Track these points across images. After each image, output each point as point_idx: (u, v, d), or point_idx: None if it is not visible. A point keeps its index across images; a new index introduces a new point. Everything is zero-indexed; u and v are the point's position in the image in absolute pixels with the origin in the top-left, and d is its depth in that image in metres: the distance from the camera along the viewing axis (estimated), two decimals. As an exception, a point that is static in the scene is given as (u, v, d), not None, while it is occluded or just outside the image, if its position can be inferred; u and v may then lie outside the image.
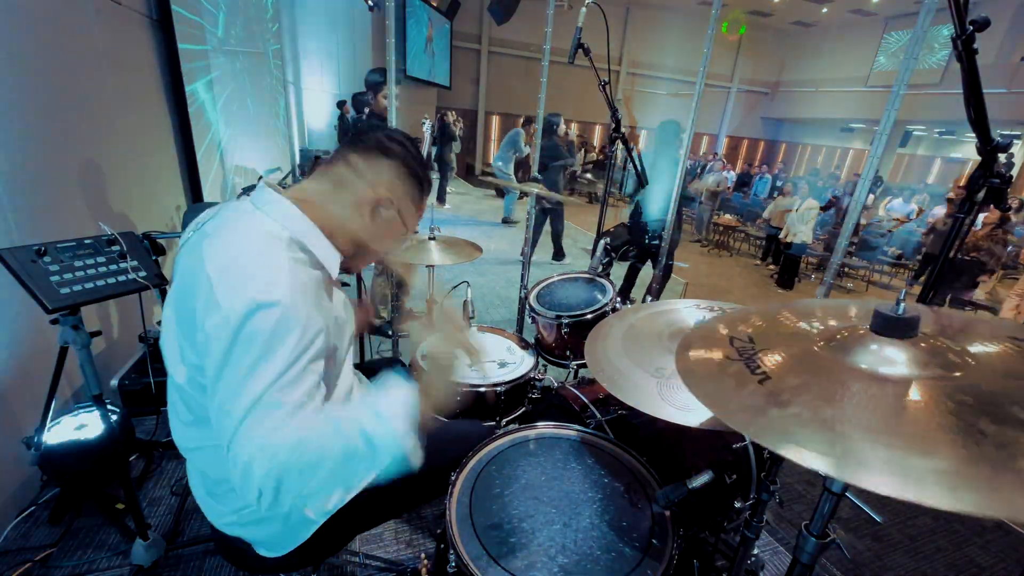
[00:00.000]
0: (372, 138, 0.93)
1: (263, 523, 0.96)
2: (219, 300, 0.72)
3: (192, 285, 0.77)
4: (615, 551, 0.92)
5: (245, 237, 0.80)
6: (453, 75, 12.95)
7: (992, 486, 0.46)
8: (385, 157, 0.92)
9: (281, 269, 0.77)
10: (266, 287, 0.73)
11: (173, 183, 2.74)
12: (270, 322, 0.72)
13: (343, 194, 0.91)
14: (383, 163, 0.92)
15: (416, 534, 1.74)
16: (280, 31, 4.58)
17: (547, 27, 2.28)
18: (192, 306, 0.76)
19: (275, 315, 0.72)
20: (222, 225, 0.83)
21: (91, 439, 1.65)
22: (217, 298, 0.72)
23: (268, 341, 0.72)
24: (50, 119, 1.82)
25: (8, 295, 1.52)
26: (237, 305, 0.71)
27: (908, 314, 0.67)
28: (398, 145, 0.94)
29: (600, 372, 1.11)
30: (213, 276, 0.74)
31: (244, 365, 0.71)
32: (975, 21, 0.86)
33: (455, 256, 1.92)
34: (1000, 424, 0.53)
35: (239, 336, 0.71)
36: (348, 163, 0.92)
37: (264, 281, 0.74)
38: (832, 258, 2.08)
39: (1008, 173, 0.98)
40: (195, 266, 0.77)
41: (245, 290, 0.72)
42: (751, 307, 0.98)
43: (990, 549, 2.01)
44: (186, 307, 0.78)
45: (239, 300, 0.71)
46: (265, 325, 0.72)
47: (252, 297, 0.72)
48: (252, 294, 0.72)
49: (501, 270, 5.06)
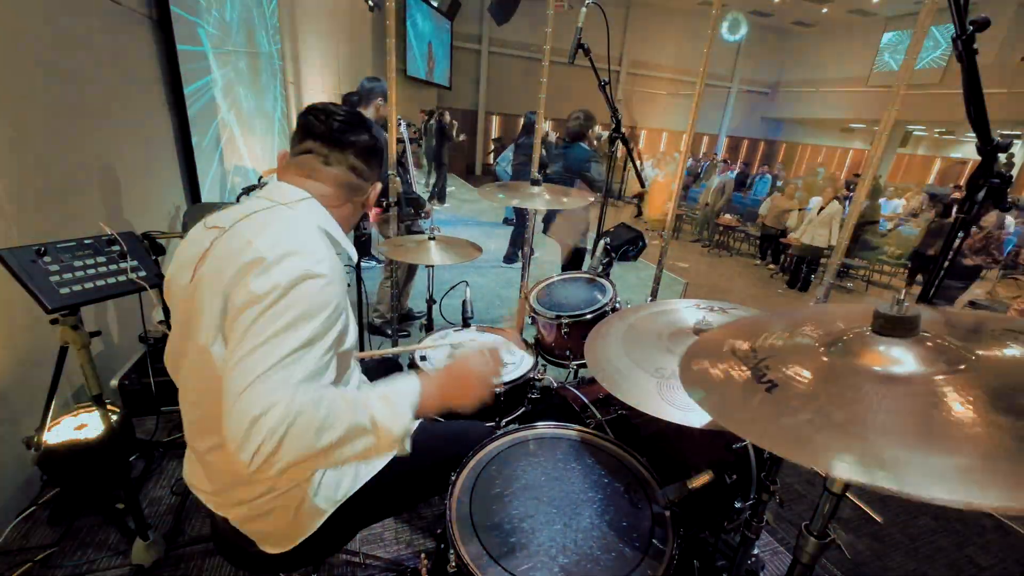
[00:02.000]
0: (362, 142, 1.00)
1: (275, 513, 0.96)
2: (271, 267, 0.78)
3: (234, 265, 0.81)
4: (615, 551, 0.92)
5: (291, 224, 0.88)
6: (453, 75, 12.96)
7: (1018, 480, 0.45)
8: (375, 150, 1.03)
9: (323, 251, 0.85)
10: (316, 261, 0.81)
11: (173, 183, 2.74)
12: (315, 290, 0.79)
13: (351, 195, 1.03)
14: (373, 157, 1.03)
15: (416, 534, 1.74)
16: (280, 31, 4.58)
17: (547, 27, 2.28)
18: (231, 282, 0.80)
19: (320, 285, 0.80)
20: (258, 217, 0.88)
21: (91, 439, 1.65)
22: (270, 264, 0.78)
23: (310, 306, 0.78)
24: (50, 119, 1.82)
25: (8, 295, 1.52)
26: (290, 270, 0.78)
27: (908, 313, 0.67)
28: (372, 138, 1.02)
29: (600, 372, 1.11)
30: (265, 250, 0.80)
31: (282, 323, 0.75)
32: (975, 21, 0.86)
33: (455, 256, 1.92)
34: (1014, 416, 0.52)
35: (285, 297, 0.76)
36: (349, 166, 1.00)
37: (314, 256, 0.82)
38: (832, 258, 2.08)
39: (1008, 173, 0.98)
40: (240, 248, 0.82)
41: (300, 260, 0.80)
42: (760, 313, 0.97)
43: (990, 549, 2.01)
44: (224, 286, 0.81)
45: (292, 267, 0.78)
46: (311, 291, 0.79)
47: (305, 267, 0.79)
48: (306, 264, 0.80)
49: (501, 270, 5.06)
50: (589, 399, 1.54)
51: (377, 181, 1.08)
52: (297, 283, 0.77)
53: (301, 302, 0.77)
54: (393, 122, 2.19)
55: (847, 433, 0.55)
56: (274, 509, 0.96)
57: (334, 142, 0.97)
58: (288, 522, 0.97)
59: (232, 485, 0.96)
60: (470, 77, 13.56)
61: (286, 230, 0.85)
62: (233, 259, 0.81)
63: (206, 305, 0.83)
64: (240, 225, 0.87)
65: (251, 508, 0.96)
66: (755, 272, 7.07)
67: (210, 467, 0.97)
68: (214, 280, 0.83)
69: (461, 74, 13.29)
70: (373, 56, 8.38)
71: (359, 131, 0.99)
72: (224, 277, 0.81)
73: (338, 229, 0.98)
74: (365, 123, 1.01)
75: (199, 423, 0.95)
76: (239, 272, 0.79)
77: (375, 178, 1.07)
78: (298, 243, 0.83)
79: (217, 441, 0.92)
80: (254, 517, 0.97)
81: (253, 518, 0.97)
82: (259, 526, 0.98)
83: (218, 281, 0.82)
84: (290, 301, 0.76)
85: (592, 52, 2.04)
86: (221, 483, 0.98)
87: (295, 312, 0.76)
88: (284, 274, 0.77)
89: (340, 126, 0.96)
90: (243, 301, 0.77)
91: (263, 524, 0.98)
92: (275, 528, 0.98)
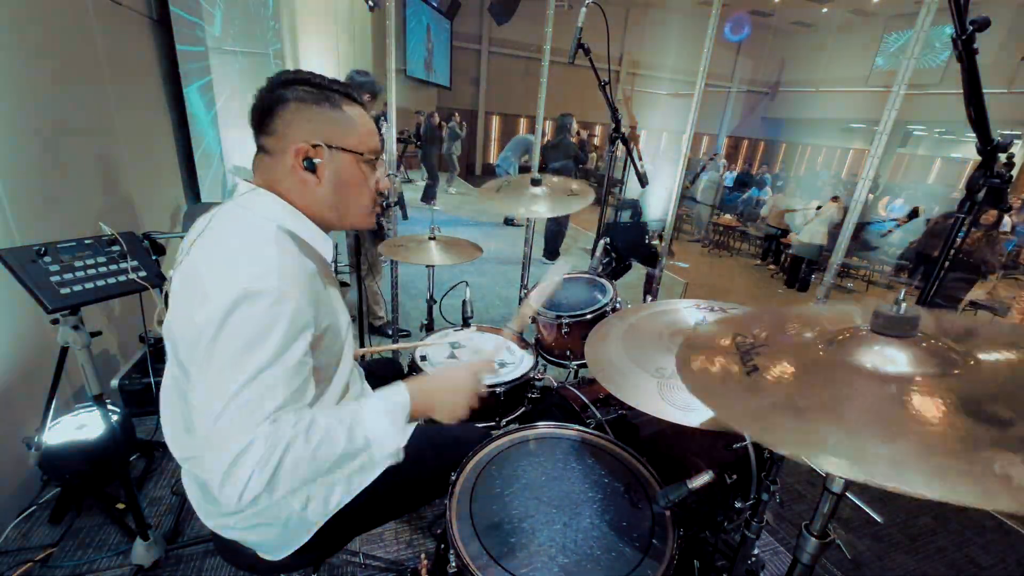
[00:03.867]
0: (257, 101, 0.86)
1: (260, 527, 0.95)
2: (208, 292, 0.73)
3: (189, 285, 0.78)
4: (615, 551, 0.92)
5: (234, 233, 0.81)
6: (453, 75, 12.96)
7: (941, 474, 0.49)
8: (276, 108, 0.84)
9: (270, 260, 0.76)
10: (254, 277, 0.73)
11: (173, 183, 2.74)
12: (258, 311, 0.72)
13: (277, 170, 0.86)
14: (278, 117, 0.84)
15: (416, 534, 1.74)
16: (280, 31, 4.58)
17: (547, 27, 2.28)
18: (188, 305, 0.76)
19: (263, 304, 0.72)
20: (213, 227, 0.84)
21: (91, 439, 1.65)
22: (207, 290, 0.73)
23: (256, 329, 0.72)
24: (50, 119, 1.82)
25: (8, 295, 1.52)
26: (225, 294, 0.71)
27: (908, 313, 0.67)
28: (278, 87, 0.84)
29: (600, 372, 1.11)
30: (203, 270, 0.76)
31: (230, 353, 0.71)
32: (975, 21, 0.86)
33: (455, 256, 1.92)
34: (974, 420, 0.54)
35: (226, 324, 0.71)
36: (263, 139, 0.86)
37: (252, 272, 0.74)
38: (832, 258, 2.08)
39: (1008, 173, 0.98)
40: (192, 267, 0.79)
41: (234, 280, 0.72)
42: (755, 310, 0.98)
43: (990, 549, 2.01)
44: (184, 309, 0.78)
45: (227, 289, 0.71)
46: (253, 313, 0.72)
47: (241, 286, 0.72)
48: (241, 283, 0.72)
49: (501, 270, 5.06)
50: (589, 399, 1.54)
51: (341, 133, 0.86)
52: (236, 305, 0.71)
53: (245, 326, 0.71)
54: (393, 122, 2.19)
55: (802, 417, 0.59)
56: (258, 525, 0.95)
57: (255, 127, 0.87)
58: (276, 534, 0.96)
59: (214, 498, 0.95)
60: (470, 77, 13.56)
61: (229, 244, 0.79)
62: (189, 278, 0.79)
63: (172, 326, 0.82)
64: (199, 242, 0.82)
65: (236, 521, 0.95)
66: (755, 272, 7.07)
67: (197, 472, 0.95)
68: (175, 305, 0.82)
69: (461, 74, 13.28)
70: (373, 56, 8.38)
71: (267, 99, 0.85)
72: (180, 302, 0.80)
73: (305, 225, 0.87)
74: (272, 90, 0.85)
75: (173, 438, 0.94)
76: (188, 301, 0.77)
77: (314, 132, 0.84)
78: (237, 256, 0.77)
79: (188, 454, 0.92)
80: (240, 530, 0.96)
81: (240, 530, 0.96)
82: (247, 537, 0.97)
83: (179, 297, 0.81)
84: (230, 331, 0.71)
85: (592, 52, 2.04)
86: (205, 492, 0.97)
87: (242, 340, 0.71)
88: (221, 299, 0.71)
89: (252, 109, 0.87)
90: (191, 334, 0.74)
91: (251, 535, 0.97)
92: (263, 540, 0.97)
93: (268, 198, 0.86)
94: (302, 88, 0.85)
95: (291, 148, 0.84)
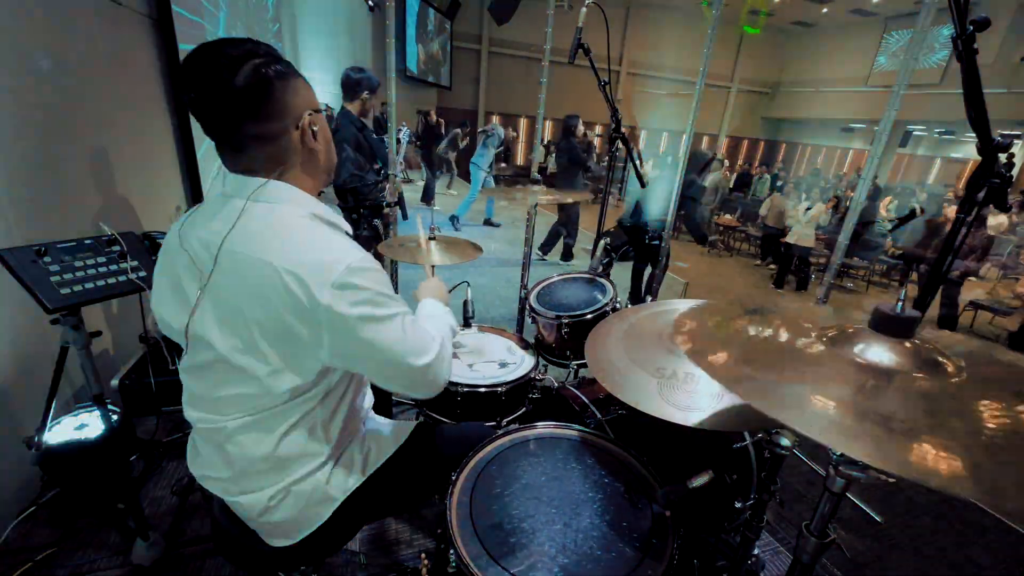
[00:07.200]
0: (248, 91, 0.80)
1: (288, 501, 0.95)
2: (316, 294, 0.78)
3: (260, 286, 0.80)
4: (615, 551, 0.92)
5: (293, 228, 0.84)
6: (453, 75, 12.95)
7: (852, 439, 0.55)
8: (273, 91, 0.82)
9: (332, 239, 0.86)
10: (337, 260, 0.80)
11: (173, 183, 2.74)
12: (365, 281, 0.82)
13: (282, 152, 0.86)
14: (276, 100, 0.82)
15: (416, 534, 1.74)
16: (280, 31, 4.58)
17: (547, 27, 2.28)
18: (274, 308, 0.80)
19: (362, 272, 0.82)
20: (252, 227, 0.83)
21: (91, 439, 1.65)
22: (314, 292, 0.78)
23: (375, 293, 0.83)
24: (50, 119, 1.82)
25: (8, 295, 1.52)
26: (332, 287, 0.79)
27: (905, 314, 0.68)
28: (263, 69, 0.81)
29: (600, 372, 1.11)
30: (300, 272, 0.79)
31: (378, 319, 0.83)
32: (975, 21, 0.86)
33: (455, 256, 1.92)
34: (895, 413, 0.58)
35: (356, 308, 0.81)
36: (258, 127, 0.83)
37: (333, 257, 0.81)
38: (832, 258, 2.09)
39: (1008, 173, 0.98)
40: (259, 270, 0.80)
41: (330, 272, 0.79)
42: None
43: (991, 549, 2.01)
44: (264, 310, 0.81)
45: (332, 282, 0.79)
46: (364, 284, 0.82)
47: (338, 275, 0.79)
48: (337, 272, 0.79)
49: (501, 270, 5.06)
50: (589, 399, 1.54)
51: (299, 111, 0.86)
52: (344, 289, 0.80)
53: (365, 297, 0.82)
54: (394, 122, 2.19)
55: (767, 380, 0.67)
56: (290, 494, 0.95)
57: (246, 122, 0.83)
58: (300, 510, 0.96)
59: (251, 472, 0.93)
60: (470, 77, 13.55)
61: (295, 239, 0.82)
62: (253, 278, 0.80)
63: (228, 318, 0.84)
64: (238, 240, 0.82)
65: (268, 494, 0.93)
66: (755, 272, 7.07)
67: (236, 449, 0.92)
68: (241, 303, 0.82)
69: (461, 74, 13.28)
70: (373, 56, 8.38)
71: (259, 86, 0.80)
72: (240, 290, 0.82)
73: (323, 208, 0.90)
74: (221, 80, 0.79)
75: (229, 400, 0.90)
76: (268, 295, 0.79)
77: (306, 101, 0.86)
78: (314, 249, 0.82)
79: (247, 420, 0.89)
80: (268, 505, 0.94)
81: (267, 507, 0.94)
82: (271, 516, 0.95)
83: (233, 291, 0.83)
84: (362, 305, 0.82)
85: (592, 52, 2.04)
86: (241, 468, 0.93)
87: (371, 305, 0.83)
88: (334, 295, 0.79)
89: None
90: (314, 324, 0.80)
91: (276, 513, 0.95)
92: (286, 517, 0.96)
93: (287, 189, 0.87)
94: (274, 66, 0.82)
95: (294, 124, 0.86)
